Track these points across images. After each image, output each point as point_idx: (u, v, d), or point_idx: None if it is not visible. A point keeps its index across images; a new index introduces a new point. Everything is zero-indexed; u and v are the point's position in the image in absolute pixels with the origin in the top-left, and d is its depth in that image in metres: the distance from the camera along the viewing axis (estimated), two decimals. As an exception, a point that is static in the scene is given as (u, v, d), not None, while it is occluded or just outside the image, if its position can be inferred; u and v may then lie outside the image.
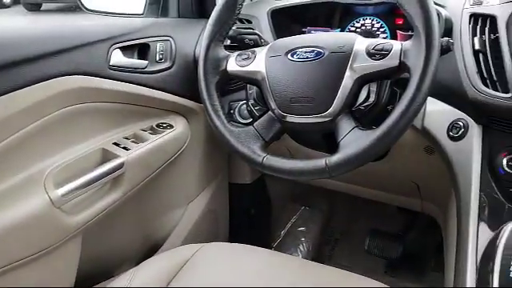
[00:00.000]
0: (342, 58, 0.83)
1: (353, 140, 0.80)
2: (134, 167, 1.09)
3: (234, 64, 0.95)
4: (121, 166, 1.05)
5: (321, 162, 0.81)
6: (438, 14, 0.97)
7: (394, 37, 1.17)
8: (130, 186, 1.10)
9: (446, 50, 0.81)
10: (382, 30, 1.19)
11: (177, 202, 1.36)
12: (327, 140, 0.93)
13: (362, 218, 1.82)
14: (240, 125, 1.02)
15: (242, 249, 1.01)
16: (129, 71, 1.11)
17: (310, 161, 0.83)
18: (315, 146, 1.12)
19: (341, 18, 1.27)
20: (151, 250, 1.31)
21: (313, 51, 0.87)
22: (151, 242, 1.33)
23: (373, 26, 1.20)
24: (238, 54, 0.95)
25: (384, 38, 1.18)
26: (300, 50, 0.88)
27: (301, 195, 1.89)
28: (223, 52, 0.97)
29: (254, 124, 0.92)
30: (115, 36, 1.10)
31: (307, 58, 0.87)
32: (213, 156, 1.41)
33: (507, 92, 0.86)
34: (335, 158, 0.80)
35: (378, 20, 1.19)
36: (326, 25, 1.26)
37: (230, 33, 1.04)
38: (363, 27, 1.22)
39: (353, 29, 1.23)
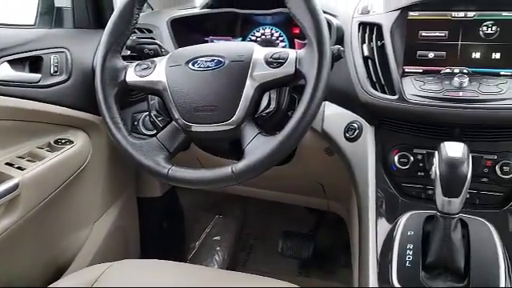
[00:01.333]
0: (242, 67, 0.85)
1: (257, 146, 0.82)
2: (31, 188, 1.01)
3: (133, 74, 0.92)
4: (15, 187, 0.97)
5: (227, 169, 0.81)
6: (330, 23, 1.02)
7: (292, 45, 1.21)
8: (28, 207, 1.03)
9: (337, 57, 0.86)
10: (280, 38, 1.24)
11: (82, 221, 1.29)
12: (234, 147, 0.94)
13: (275, 222, 1.86)
14: (145, 136, 1.00)
15: (153, 264, 0.98)
16: (19, 86, 1.04)
17: (217, 169, 0.83)
18: (223, 153, 1.13)
19: (242, 28, 1.29)
20: (56, 273, 1.23)
21: (213, 60, 0.87)
22: (56, 265, 1.24)
23: (272, 35, 1.24)
24: (137, 64, 0.93)
25: (283, 47, 1.22)
26: (200, 59, 0.88)
27: (214, 204, 1.88)
28: (121, 62, 0.94)
29: (158, 135, 0.90)
30: (3, 48, 1.03)
31: (208, 67, 0.87)
32: (118, 171, 1.35)
33: (394, 94, 0.94)
34: (241, 165, 0.81)
35: (277, 29, 1.24)
36: (228, 34, 1.27)
37: (129, 43, 1.01)
38: (263, 36, 1.25)
39: (254, 38, 1.26)
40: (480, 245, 0.82)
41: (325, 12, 1.06)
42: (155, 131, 0.95)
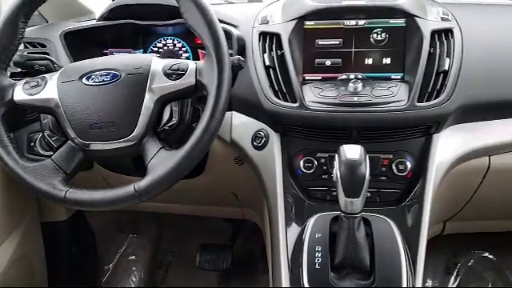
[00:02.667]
0: (140, 80, 0.82)
1: (160, 161, 0.79)
2: None
3: (21, 93, 0.85)
4: None
5: (129, 188, 0.78)
6: (230, 34, 1.03)
7: (196, 56, 1.20)
8: None
9: (238, 67, 0.86)
10: (183, 49, 1.22)
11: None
12: (138, 164, 0.90)
13: (192, 236, 1.82)
14: (43, 158, 0.93)
15: None
16: None
17: (118, 189, 0.79)
18: (127, 171, 1.08)
19: (144, 39, 1.26)
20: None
21: (109, 74, 0.84)
22: None
23: (175, 45, 1.22)
24: (26, 82, 0.87)
25: (186, 58, 1.21)
26: (95, 73, 0.84)
27: (127, 223, 1.81)
28: (7, 80, 0.87)
29: (52, 157, 0.84)
30: None
31: (103, 81, 0.83)
32: (16, 195, 1.25)
33: (295, 102, 0.97)
34: (144, 182, 0.78)
35: (179, 40, 1.22)
36: (130, 46, 1.23)
37: (16, 59, 0.94)
38: (165, 47, 1.23)
39: (155, 49, 1.23)
40: (383, 241, 0.86)
41: (225, 22, 1.07)
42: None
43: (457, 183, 1.04)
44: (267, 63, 1.01)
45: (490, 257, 1.64)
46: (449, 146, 0.97)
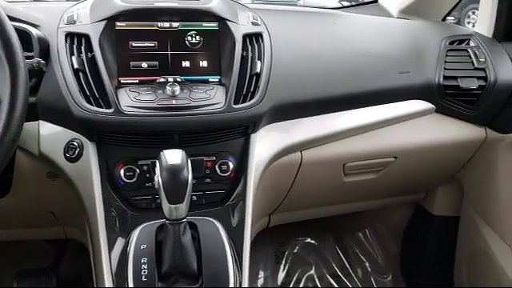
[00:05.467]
0: None
1: None
2: None
3: None
4: None
5: None
6: (29, 34, 0.92)
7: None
8: None
9: (38, 71, 0.78)
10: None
11: None
12: None
13: (7, 264, 1.59)
14: None
15: None
16: None
17: None
18: None
19: None
20: None
21: None
22: None
23: None
24: None
25: None
26: None
27: None
28: None
29: None
30: None
31: None
32: None
33: (109, 107, 0.90)
34: None
35: None
36: None
37: None
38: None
39: None
40: (209, 243, 0.87)
41: (23, 21, 0.96)
42: None
43: (276, 178, 1.11)
44: (76, 66, 0.93)
45: (312, 242, 1.81)
46: (265, 144, 1.02)
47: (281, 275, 1.70)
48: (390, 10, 1.45)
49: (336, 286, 1.71)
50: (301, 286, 1.68)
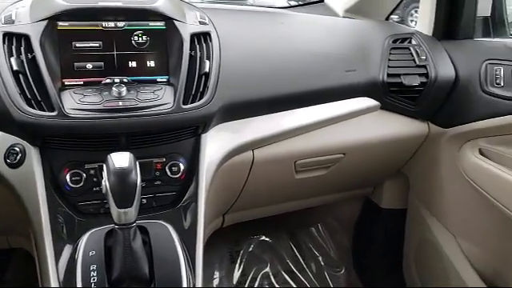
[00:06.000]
0: None
1: None
2: None
3: None
4: None
5: None
6: None
7: None
8: None
9: None
10: None
11: None
12: None
13: None
14: None
15: None
16: None
17: None
18: None
19: None
20: None
21: None
22: None
23: None
24: None
25: None
26: None
27: None
28: None
29: None
30: None
31: None
32: None
33: (53, 110, 0.87)
34: None
35: None
36: None
37: None
38: None
39: None
40: (161, 247, 0.86)
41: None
42: None
43: (228, 178, 1.11)
44: (15, 68, 0.89)
45: (267, 239, 1.83)
46: (216, 144, 1.02)
47: (236, 274, 1.70)
48: (335, 9, 1.48)
49: (291, 281, 1.74)
50: (256, 284, 1.69)
